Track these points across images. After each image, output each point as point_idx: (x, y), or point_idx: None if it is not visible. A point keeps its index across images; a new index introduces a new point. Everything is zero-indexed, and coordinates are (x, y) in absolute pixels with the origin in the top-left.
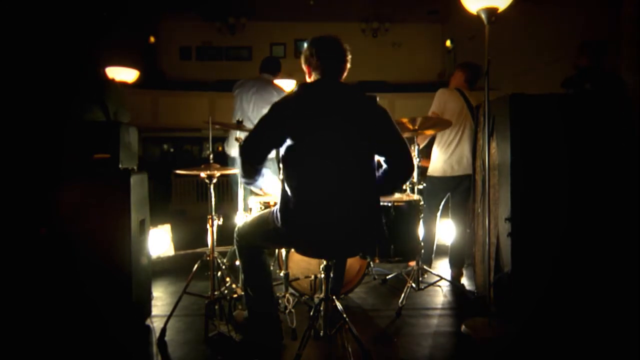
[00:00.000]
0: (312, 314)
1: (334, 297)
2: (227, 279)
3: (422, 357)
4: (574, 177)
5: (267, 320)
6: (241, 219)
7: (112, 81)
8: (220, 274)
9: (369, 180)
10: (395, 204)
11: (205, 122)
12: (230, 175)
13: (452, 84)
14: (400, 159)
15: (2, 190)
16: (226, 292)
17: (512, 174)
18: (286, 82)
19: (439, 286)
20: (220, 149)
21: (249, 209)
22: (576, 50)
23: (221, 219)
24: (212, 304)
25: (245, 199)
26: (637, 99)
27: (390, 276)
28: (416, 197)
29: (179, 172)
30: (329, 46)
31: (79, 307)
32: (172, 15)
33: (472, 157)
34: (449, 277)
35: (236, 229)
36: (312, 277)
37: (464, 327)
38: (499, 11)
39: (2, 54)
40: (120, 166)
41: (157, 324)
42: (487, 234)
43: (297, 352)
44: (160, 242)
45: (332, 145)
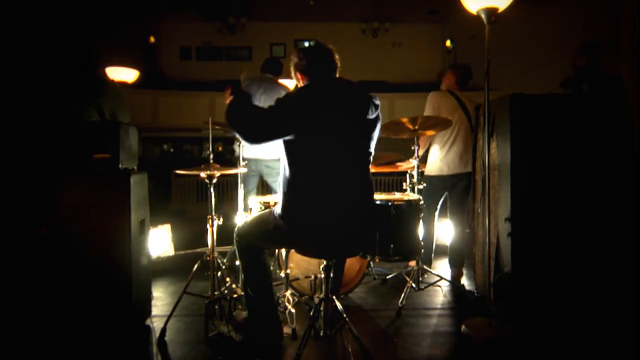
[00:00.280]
0: (312, 314)
1: (334, 297)
2: (227, 279)
3: (422, 357)
4: (574, 177)
5: (267, 320)
6: (241, 219)
7: (110, 82)
8: (220, 274)
9: (369, 180)
10: (395, 203)
11: (205, 122)
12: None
13: (444, 86)
14: None
15: (2, 190)
16: (226, 292)
17: (512, 174)
18: (288, 82)
19: (439, 286)
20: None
21: (249, 209)
22: (575, 50)
23: (221, 219)
24: (212, 304)
25: (245, 199)
26: (637, 99)
27: (390, 276)
28: (416, 197)
29: (179, 172)
30: (313, 48)
31: (79, 307)
32: (172, 15)
33: (468, 155)
34: (449, 277)
35: (236, 229)
36: (312, 277)
37: (464, 327)
38: (499, 11)
39: (2, 54)
40: (120, 166)
41: (157, 324)
42: (487, 234)
43: (297, 352)
44: (160, 242)
45: (332, 145)
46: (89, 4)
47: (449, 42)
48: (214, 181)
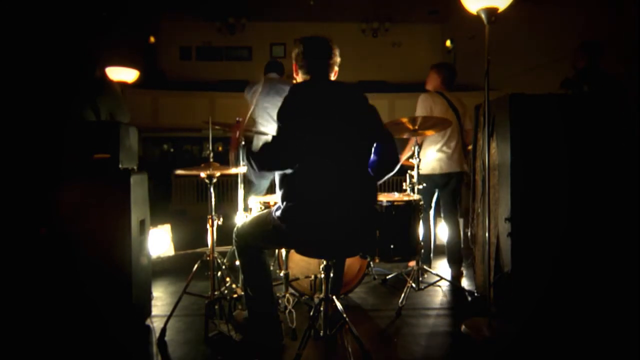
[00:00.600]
0: (312, 314)
1: (334, 297)
2: (227, 279)
3: (422, 357)
4: (574, 177)
5: (267, 320)
6: (241, 219)
7: (109, 82)
8: (220, 274)
9: (369, 180)
10: (395, 203)
11: (205, 122)
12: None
13: (430, 87)
14: (387, 151)
15: (3, 190)
16: (226, 292)
17: (512, 174)
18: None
19: (439, 286)
20: (220, 149)
21: (249, 209)
22: (575, 51)
23: (221, 219)
24: (212, 304)
25: (245, 199)
26: (637, 99)
27: (390, 276)
28: (416, 196)
29: (179, 172)
30: (315, 45)
31: (79, 307)
32: (172, 15)
33: (459, 155)
34: (448, 277)
35: (235, 229)
36: (312, 277)
37: (464, 327)
38: (499, 11)
39: (2, 54)
40: (120, 166)
41: (157, 324)
42: (487, 234)
43: (297, 352)
44: (160, 242)
45: (332, 145)
46: (89, 4)
47: (449, 42)
48: (214, 181)
